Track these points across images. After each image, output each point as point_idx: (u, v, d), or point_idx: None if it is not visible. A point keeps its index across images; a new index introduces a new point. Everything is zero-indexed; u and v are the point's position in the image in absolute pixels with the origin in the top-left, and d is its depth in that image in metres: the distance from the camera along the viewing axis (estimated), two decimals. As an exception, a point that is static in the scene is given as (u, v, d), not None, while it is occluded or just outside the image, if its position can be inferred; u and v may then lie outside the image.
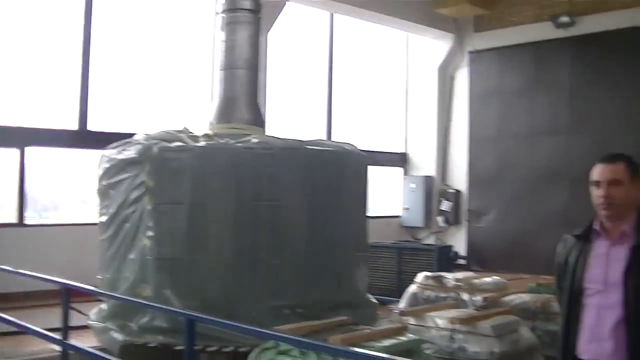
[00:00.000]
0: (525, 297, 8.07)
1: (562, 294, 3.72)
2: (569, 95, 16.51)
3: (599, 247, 3.56)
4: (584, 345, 3.52)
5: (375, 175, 17.74)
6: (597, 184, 3.55)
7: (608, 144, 14.64)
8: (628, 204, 3.52)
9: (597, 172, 3.57)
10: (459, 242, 17.79)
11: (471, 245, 17.89)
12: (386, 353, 4.84)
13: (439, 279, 8.78)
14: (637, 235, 3.46)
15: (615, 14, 15.19)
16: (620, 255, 3.46)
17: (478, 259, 17.44)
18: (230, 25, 7.93)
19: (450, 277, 8.81)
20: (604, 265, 3.50)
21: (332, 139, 15.42)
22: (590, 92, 16.18)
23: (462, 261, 15.72)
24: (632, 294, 3.36)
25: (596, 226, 3.60)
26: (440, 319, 6.70)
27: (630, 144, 15.14)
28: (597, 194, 3.54)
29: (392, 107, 18.68)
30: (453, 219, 18.22)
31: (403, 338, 5.69)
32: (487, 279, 8.76)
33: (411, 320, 6.81)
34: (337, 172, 7.55)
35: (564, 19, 15.97)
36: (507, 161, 17.42)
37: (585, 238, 3.62)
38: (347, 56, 17.16)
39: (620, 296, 3.40)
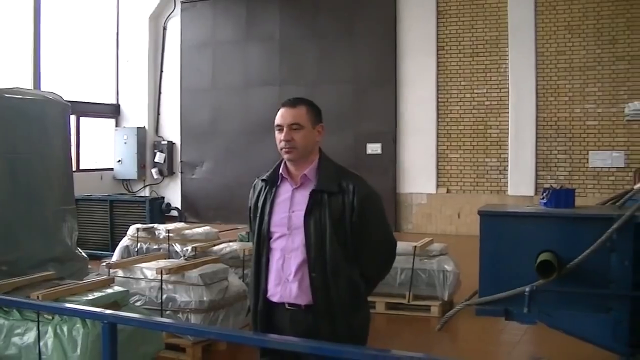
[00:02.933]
0: (234, 246, 8.29)
1: (253, 238, 3.74)
2: (280, 47, 17.14)
3: (284, 191, 3.62)
4: (272, 288, 3.58)
5: (87, 126, 17.34)
6: (280, 128, 3.57)
7: (317, 93, 15.43)
8: (310, 148, 3.58)
9: (279, 116, 3.59)
10: (174, 194, 17.84)
11: (186, 197, 18.03)
12: (91, 306, 4.78)
13: (150, 231, 8.77)
14: (317, 179, 3.55)
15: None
16: (302, 199, 3.54)
17: (193, 211, 17.64)
18: None
19: (161, 228, 8.82)
20: (288, 209, 3.56)
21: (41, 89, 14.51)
22: (299, 44, 16.95)
23: (175, 213, 15.80)
24: (312, 237, 3.47)
25: (281, 170, 3.64)
26: (148, 270, 6.67)
27: (335, 93, 16.22)
28: (279, 138, 3.57)
29: (103, 58, 18.02)
30: (167, 171, 18.21)
31: (109, 291, 5.60)
32: (199, 230, 8.90)
33: (119, 273, 6.73)
34: (38, 122, 7.18)
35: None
36: (221, 112, 17.69)
37: (273, 182, 3.65)
38: (56, 2, 16.19)
39: (302, 239, 3.49)
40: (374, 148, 16.39)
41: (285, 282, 3.54)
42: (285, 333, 3.52)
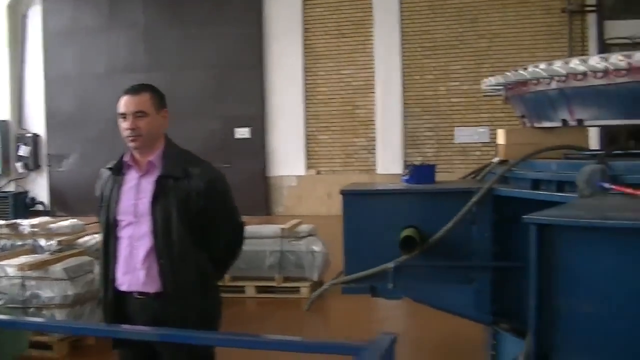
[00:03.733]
0: (99, 238, 8.00)
1: (101, 227, 3.69)
2: (144, 33, 16.70)
3: (130, 179, 3.54)
4: (121, 276, 3.51)
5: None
6: (124, 116, 3.49)
7: (183, 79, 15.14)
8: (155, 135, 3.52)
9: (123, 104, 3.51)
10: (41, 187, 17.08)
11: (54, 190, 17.30)
12: None
13: (14, 226, 8.39)
14: (162, 166, 3.50)
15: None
16: (148, 186, 3.48)
17: (63, 204, 16.96)
18: None
19: (25, 223, 8.47)
20: (134, 197, 3.50)
21: None
22: (164, 29, 16.57)
23: (41, 207, 15.15)
24: (159, 224, 3.42)
25: (127, 159, 3.57)
26: (9, 267, 6.43)
27: (202, 78, 15.97)
28: (124, 126, 3.49)
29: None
30: (33, 164, 17.39)
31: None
32: (65, 223, 8.62)
33: (-23, 272, 6.38)
34: None
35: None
36: (87, 102, 17.08)
37: (118, 171, 3.58)
38: None
39: (149, 226, 3.44)
40: (242, 132, 16.26)
41: (134, 270, 3.48)
42: (136, 322, 3.46)
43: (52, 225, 8.51)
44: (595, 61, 3.80)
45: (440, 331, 6.52)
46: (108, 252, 3.56)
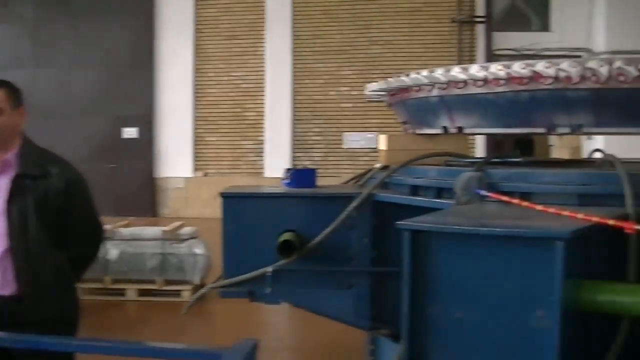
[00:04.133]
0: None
1: None
2: (32, 27, 16.08)
3: None
4: None
5: None
6: None
7: (71, 76, 14.69)
8: (11, 133, 3.37)
9: None
10: None
11: None
12: None
13: None
14: (19, 164, 3.35)
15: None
16: (4, 185, 3.31)
17: None
18: None
19: None
20: None
21: None
22: (52, 24, 16.02)
23: None
24: (16, 224, 3.27)
25: None
26: None
27: (90, 76, 15.52)
28: None
29: None
30: None
31: None
32: None
33: None
34: None
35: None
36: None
37: None
38: None
39: (4, 227, 3.29)
40: (130, 132, 15.89)
41: None
42: (-7, 326, 3.29)
43: None
44: (475, 70, 3.85)
45: (322, 336, 6.51)
46: None
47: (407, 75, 4.31)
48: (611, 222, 2.73)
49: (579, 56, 14.89)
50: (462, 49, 15.10)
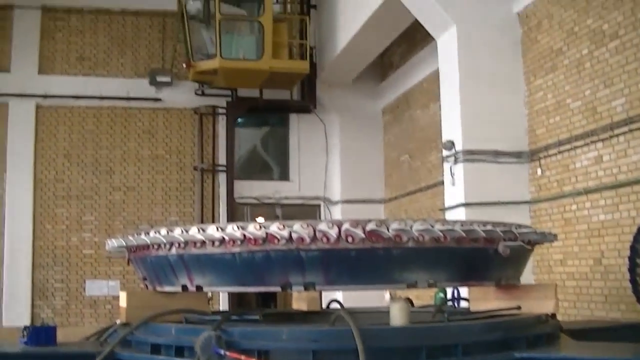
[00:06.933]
0: None
1: None
2: None
3: None
4: None
5: None
6: None
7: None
8: None
9: None
10: None
11: None
12: None
13: None
14: None
15: None
16: None
17: None
18: None
19: None
20: None
21: None
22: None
23: None
24: None
25: None
26: None
27: None
28: None
29: None
30: None
31: None
32: None
33: None
34: None
35: None
36: None
37: None
38: None
39: None
40: None
41: None
42: None
43: None
44: (212, 230, 4.01)
45: None
46: None
47: (147, 233, 4.36)
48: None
49: (317, 205, 15.87)
50: (206, 197, 15.38)
